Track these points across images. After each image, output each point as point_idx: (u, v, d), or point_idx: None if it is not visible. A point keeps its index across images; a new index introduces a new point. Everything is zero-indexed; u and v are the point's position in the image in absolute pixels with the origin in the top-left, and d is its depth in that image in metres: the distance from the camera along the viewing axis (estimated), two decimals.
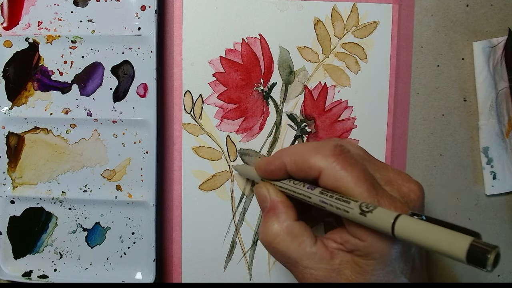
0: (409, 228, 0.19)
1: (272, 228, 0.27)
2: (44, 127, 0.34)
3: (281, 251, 0.26)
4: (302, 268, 0.26)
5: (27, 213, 0.35)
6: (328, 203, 0.24)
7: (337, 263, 0.25)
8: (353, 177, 0.24)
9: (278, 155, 0.28)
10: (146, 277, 0.34)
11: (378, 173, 0.26)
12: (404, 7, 0.36)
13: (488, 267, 0.17)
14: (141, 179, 0.34)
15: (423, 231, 0.19)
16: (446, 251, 0.18)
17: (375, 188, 0.24)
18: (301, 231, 0.26)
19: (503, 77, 0.37)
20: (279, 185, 0.28)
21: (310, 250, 0.25)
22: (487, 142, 0.37)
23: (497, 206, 0.38)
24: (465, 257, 0.17)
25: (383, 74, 0.36)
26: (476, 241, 0.17)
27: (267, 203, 0.28)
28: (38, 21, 0.34)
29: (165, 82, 0.36)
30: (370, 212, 0.21)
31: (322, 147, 0.26)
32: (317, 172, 0.25)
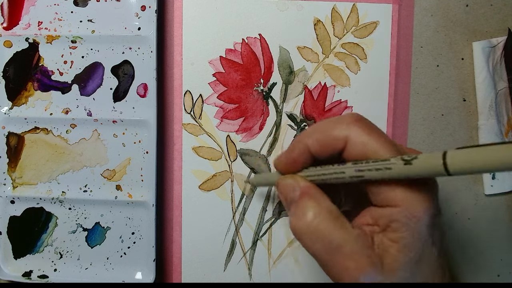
0: (462, 157, 0.18)
1: (309, 210, 0.24)
2: (44, 127, 0.34)
3: (323, 235, 0.23)
4: (344, 256, 0.23)
5: (27, 213, 0.35)
6: (365, 168, 0.23)
7: (377, 248, 0.23)
8: (379, 140, 0.23)
9: (298, 139, 0.26)
10: (146, 277, 0.34)
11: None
12: (404, 7, 0.36)
13: None
14: (141, 179, 0.34)
15: (478, 156, 0.18)
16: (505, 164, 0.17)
17: (400, 152, 0.23)
18: (340, 213, 0.24)
19: (503, 77, 0.37)
20: (303, 175, 0.26)
21: (355, 232, 0.23)
22: (487, 142, 0.37)
23: (496, 206, 0.38)
24: None
25: (383, 74, 0.36)
26: None
27: (297, 192, 0.26)
28: (38, 21, 0.34)
29: (165, 82, 0.36)
30: (415, 158, 0.20)
31: (340, 118, 0.25)
32: (343, 141, 0.24)
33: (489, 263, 0.38)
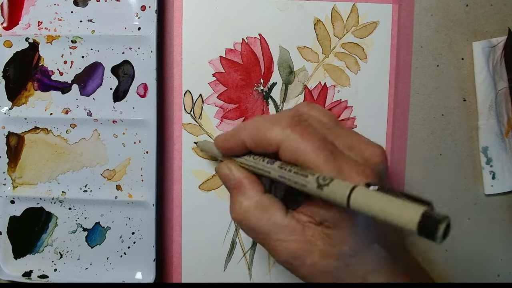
0: (363, 200, 0.19)
1: (240, 205, 0.27)
2: (44, 127, 0.34)
3: (252, 226, 0.26)
4: (274, 241, 0.25)
5: (27, 213, 0.35)
6: (287, 177, 0.24)
7: (310, 234, 0.25)
8: (311, 147, 0.23)
9: (236, 130, 0.27)
10: (146, 277, 0.34)
11: (339, 139, 0.25)
12: (404, 7, 0.36)
13: (437, 239, 0.16)
14: (141, 179, 0.34)
15: (376, 203, 0.18)
16: (398, 223, 0.17)
17: (334, 154, 0.23)
18: (271, 204, 0.26)
19: (503, 77, 0.37)
20: (240, 161, 0.28)
21: (281, 222, 0.25)
22: (487, 142, 0.37)
23: (496, 206, 0.38)
24: (416, 229, 0.17)
25: (383, 74, 0.36)
26: (427, 212, 0.17)
27: (232, 182, 0.28)
28: (38, 21, 0.34)
29: (165, 82, 0.36)
30: (326, 185, 0.21)
31: (279, 119, 0.25)
32: (275, 145, 0.25)
33: (489, 263, 0.38)
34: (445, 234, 0.16)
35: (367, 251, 0.25)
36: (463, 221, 0.38)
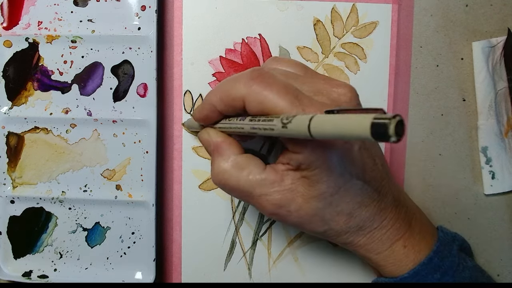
0: (321, 125, 0.19)
1: (219, 166, 0.27)
2: (44, 127, 0.34)
3: (233, 186, 0.27)
4: (257, 197, 0.26)
5: (27, 213, 0.35)
6: (257, 127, 0.24)
7: (289, 183, 0.26)
8: (273, 94, 0.24)
9: (206, 98, 0.28)
10: (146, 277, 0.34)
11: (306, 85, 0.26)
12: (403, 7, 0.36)
13: (391, 138, 0.16)
14: (141, 179, 0.34)
15: (333, 124, 0.19)
16: (354, 135, 0.18)
17: (298, 99, 0.24)
18: (247, 161, 0.27)
19: (502, 77, 0.37)
20: (218, 127, 0.29)
21: (260, 177, 0.26)
22: (486, 142, 0.37)
23: (496, 206, 0.38)
24: (370, 134, 0.17)
25: (382, 74, 0.36)
26: (376, 117, 0.17)
27: (211, 146, 0.29)
28: (38, 21, 0.34)
29: (165, 82, 0.36)
30: (290, 123, 0.21)
31: (241, 75, 0.26)
32: (241, 101, 0.25)
33: (489, 263, 0.38)
34: (398, 133, 0.17)
35: (349, 187, 0.25)
36: (463, 221, 0.38)
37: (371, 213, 0.27)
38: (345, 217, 0.26)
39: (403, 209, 0.28)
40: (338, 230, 0.27)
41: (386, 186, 0.28)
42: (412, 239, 0.28)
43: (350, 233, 0.27)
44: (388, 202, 0.27)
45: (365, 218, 0.27)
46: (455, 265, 0.28)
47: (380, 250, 0.28)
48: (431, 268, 0.27)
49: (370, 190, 0.26)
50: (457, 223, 0.38)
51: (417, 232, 0.29)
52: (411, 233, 0.28)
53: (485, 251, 0.38)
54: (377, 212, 0.27)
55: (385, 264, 0.28)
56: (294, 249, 0.36)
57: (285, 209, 0.26)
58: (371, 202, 0.27)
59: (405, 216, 0.28)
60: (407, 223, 0.28)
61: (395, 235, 0.28)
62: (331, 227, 0.27)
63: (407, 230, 0.28)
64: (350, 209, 0.26)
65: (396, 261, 0.28)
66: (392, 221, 0.27)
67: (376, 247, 0.28)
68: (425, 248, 0.28)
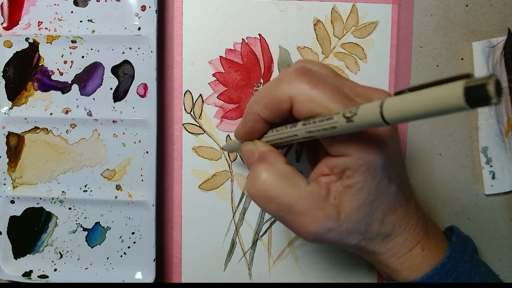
0: (398, 106, 0.18)
1: (262, 174, 0.25)
2: (44, 127, 0.34)
3: (273, 196, 0.24)
4: (298, 214, 0.24)
5: (27, 213, 0.35)
6: (314, 129, 0.22)
7: (333, 198, 0.24)
8: (326, 93, 0.22)
9: (248, 108, 0.26)
10: (146, 277, 0.34)
11: (346, 87, 0.25)
12: (403, 7, 0.36)
13: (492, 99, 0.15)
14: (141, 179, 0.34)
15: (412, 102, 0.17)
16: (445, 106, 0.16)
17: (349, 99, 0.23)
18: (293, 173, 0.25)
19: (502, 77, 0.37)
20: (265, 141, 0.27)
21: (305, 190, 0.24)
22: (486, 142, 0.37)
23: (496, 206, 0.38)
24: (465, 101, 0.15)
25: (382, 74, 0.36)
26: (468, 81, 0.15)
27: (255, 156, 0.26)
28: (38, 21, 0.34)
29: (165, 82, 0.36)
30: (355, 115, 0.20)
31: (284, 76, 0.24)
32: (289, 102, 0.23)
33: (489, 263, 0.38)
34: (498, 93, 0.15)
35: (386, 192, 0.25)
36: (463, 221, 0.38)
37: (398, 218, 0.26)
38: (378, 224, 0.25)
39: (421, 213, 0.28)
40: (369, 239, 0.26)
41: (410, 192, 0.27)
42: (428, 243, 0.28)
43: (378, 241, 0.26)
44: (412, 206, 0.27)
45: (394, 222, 0.26)
46: (467, 270, 0.27)
47: (400, 254, 0.27)
48: (444, 273, 0.27)
49: (401, 194, 0.26)
50: (457, 223, 0.38)
51: (432, 235, 0.28)
52: (428, 237, 0.28)
53: (485, 251, 0.38)
54: (403, 216, 0.26)
55: (401, 268, 0.27)
56: (294, 249, 0.36)
57: (327, 228, 0.24)
58: (400, 207, 0.26)
59: (423, 220, 0.28)
60: (425, 227, 0.28)
61: (416, 238, 0.27)
62: (364, 237, 0.26)
63: (425, 234, 0.28)
64: (383, 215, 0.25)
65: (413, 264, 0.27)
66: (414, 225, 0.27)
67: (397, 251, 0.27)
68: (440, 252, 0.28)
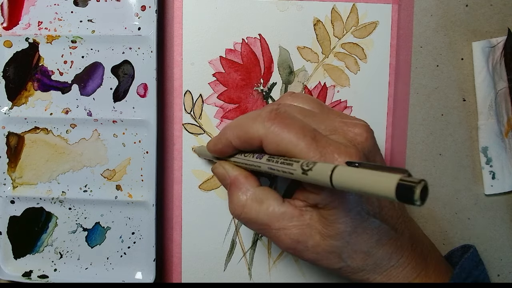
0: (344, 177, 0.20)
1: (237, 200, 0.27)
2: (44, 127, 0.34)
3: (252, 219, 0.27)
4: (275, 231, 0.26)
5: (27, 213, 0.35)
6: (275, 168, 0.24)
7: (308, 218, 0.26)
8: (291, 136, 0.24)
9: (223, 132, 0.28)
10: (146, 277, 0.34)
11: (322, 124, 0.26)
12: (403, 7, 0.36)
13: (416, 202, 0.17)
14: (141, 179, 0.34)
15: (356, 179, 0.19)
16: (378, 193, 0.18)
17: (316, 140, 0.24)
18: (266, 195, 0.27)
19: (502, 77, 0.37)
20: (233, 161, 0.29)
21: (279, 210, 0.26)
22: (486, 142, 0.37)
23: (496, 206, 0.38)
24: (395, 195, 0.17)
25: (382, 74, 0.36)
26: (402, 179, 0.17)
27: (227, 180, 0.29)
28: (38, 21, 0.34)
29: (165, 82, 0.36)
30: (310, 170, 0.21)
31: (258, 114, 0.26)
32: (258, 141, 0.25)
33: (489, 263, 0.38)
34: (423, 197, 0.17)
35: (366, 225, 0.25)
36: (463, 221, 0.38)
37: (388, 251, 0.26)
38: (362, 255, 0.26)
39: (419, 247, 0.28)
40: (354, 268, 0.26)
41: (403, 223, 0.27)
42: (427, 278, 0.28)
43: (367, 271, 0.27)
44: (405, 240, 0.27)
45: (382, 256, 0.26)
46: None
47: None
48: None
49: (387, 228, 0.26)
50: (457, 223, 0.38)
51: (432, 270, 0.28)
52: (427, 272, 0.28)
53: (485, 251, 0.38)
54: (394, 250, 0.26)
55: None
56: None
57: (303, 244, 0.26)
58: (388, 240, 0.26)
59: (421, 254, 0.28)
60: (423, 261, 0.28)
61: (411, 273, 0.27)
62: (347, 264, 0.26)
63: (423, 269, 0.28)
64: (367, 247, 0.26)
65: None
66: (409, 259, 0.27)
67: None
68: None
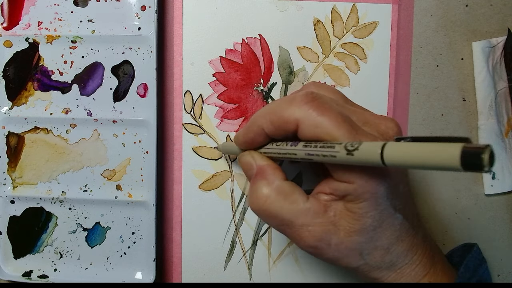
0: (398, 152, 0.19)
1: (261, 190, 0.26)
2: (44, 127, 0.34)
3: (274, 213, 0.25)
4: (298, 228, 0.25)
5: (27, 213, 0.35)
6: (314, 153, 0.23)
7: (332, 215, 0.25)
8: (331, 121, 0.23)
9: (253, 120, 0.27)
10: (146, 277, 0.34)
11: (354, 115, 0.25)
12: (403, 7, 0.36)
13: (484, 167, 0.16)
14: (141, 179, 0.34)
15: (412, 152, 0.18)
16: (440, 164, 0.17)
17: (354, 128, 0.23)
18: (292, 189, 0.26)
19: (502, 77, 0.37)
20: (263, 152, 0.28)
21: (304, 206, 0.25)
22: (486, 142, 0.37)
23: (496, 206, 0.38)
24: (460, 164, 0.16)
25: (382, 74, 0.36)
26: (466, 146, 0.16)
27: (254, 170, 0.27)
28: (38, 21, 0.34)
29: (165, 82, 0.36)
30: (356, 150, 0.20)
31: (293, 98, 0.25)
32: (294, 124, 0.24)
33: (489, 263, 0.38)
34: (491, 162, 0.16)
35: (391, 221, 0.25)
36: (463, 221, 0.38)
37: (405, 248, 0.26)
38: (382, 251, 0.26)
39: (428, 245, 0.28)
40: (372, 265, 0.26)
41: (418, 221, 0.28)
42: (435, 276, 0.28)
43: (382, 269, 0.26)
44: (420, 237, 0.27)
45: (399, 253, 0.26)
46: None
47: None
48: None
49: (408, 224, 0.26)
50: (457, 223, 0.38)
51: (440, 268, 0.28)
52: (435, 270, 0.28)
53: (485, 251, 0.38)
54: (411, 247, 0.26)
55: None
56: (294, 249, 0.36)
57: (325, 242, 0.25)
58: (407, 237, 0.26)
59: (431, 252, 0.28)
60: (432, 259, 0.28)
61: (422, 271, 0.27)
62: (366, 261, 0.26)
63: (432, 266, 0.28)
64: (388, 243, 0.25)
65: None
66: (421, 256, 0.27)
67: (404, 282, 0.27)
68: None
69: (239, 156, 0.29)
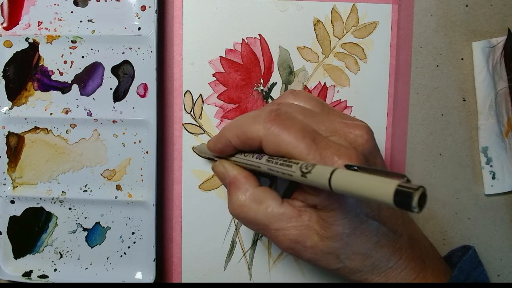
0: (342, 181, 0.20)
1: (236, 200, 0.28)
2: (44, 127, 0.34)
3: (251, 219, 0.27)
4: (274, 231, 0.26)
5: (27, 213, 0.35)
6: (275, 169, 0.24)
7: (307, 219, 0.26)
8: (291, 138, 0.24)
9: (222, 132, 0.28)
10: (146, 277, 0.34)
11: (323, 125, 0.26)
12: (403, 7, 0.36)
13: (414, 208, 0.17)
14: (141, 179, 0.34)
15: (354, 183, 0.19)
16: (376, 198, 0.18)
17: (315, 142, 0.24)
18: (265, 195, 0.27)
19: (502, 77, 0.37)
20: (233, 160, 0.29)
21: (278, 211, 0.26)
22: (486, 142, 0.37)
23: (496, 206, 0.38)
24: (392, 201, 0.17)
25: (382, 74, 0.36)
26: (401, 185, 0.17)
27: (227, 179, 0.29)
28: (38, 21, 0.34)
29: (165, 82, 0.36)
30: (309, 173, 0.22)
31: (258, 115, 0.26)
32: (257, 141, 0.25)
33: (489, 263, 0.38)
34: (421, 204, 0.17)
35: (365, 227, 0.25)
36: (463, 221, 0.38)
37: (387, 253, 0.26)
38: (361, 256, 0.26)
39: (417, 248, 0.28)
40: (352, 268, 0.27)
41: (402, 225, 0.27)
42: (425, 280, 0.28)
43: (365, 272, 0.27)
44: (404, 242, 0.27)
45: (380, 257, 0.26)
46: None
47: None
48: None
49: (386, 230, 0.26)
50: (457, 223, 0.38)
51: (431, 272, 0.28)
52: (425, 273, 0.28)
53: (485, 251, 0.38)
54: (393, 252, 0.27)
55: None
56: None
57: (301, 244, 0.26)
58: (387, 242, 0.26)
59: (420, 255, 0.28)
60: (422, 263, 0.28)
61: (410, 275, 0.27)
62: (346, 265, 0.26)
63: (422, 270, 0.28)
64: (366, 249, 0.26)
65: None
66: (407, 261, 0.27)
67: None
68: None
69: (212, 166, 0.31)
